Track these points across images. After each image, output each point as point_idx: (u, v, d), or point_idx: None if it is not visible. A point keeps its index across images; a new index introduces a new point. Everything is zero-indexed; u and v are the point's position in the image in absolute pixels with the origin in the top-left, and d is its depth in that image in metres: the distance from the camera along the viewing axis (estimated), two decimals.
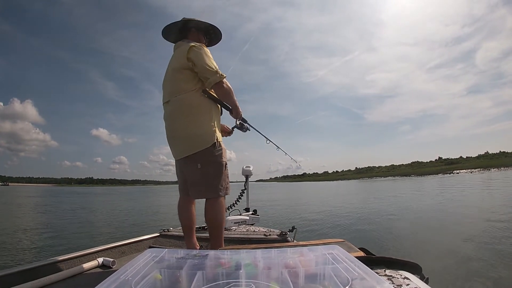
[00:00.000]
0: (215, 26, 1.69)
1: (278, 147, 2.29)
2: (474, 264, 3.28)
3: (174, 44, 1.70)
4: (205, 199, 1.54)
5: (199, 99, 1.52)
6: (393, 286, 0.72)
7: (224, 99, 1.59)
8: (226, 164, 1.57)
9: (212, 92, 1.58)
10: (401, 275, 0.79)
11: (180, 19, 1.63)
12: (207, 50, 1.54)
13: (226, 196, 1.58)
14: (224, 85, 1.51)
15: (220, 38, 1.77)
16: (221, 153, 1.54)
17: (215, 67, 1.49)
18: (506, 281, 2.78)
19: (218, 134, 1.57)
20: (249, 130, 1.87)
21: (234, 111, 1.64)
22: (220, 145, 1.55)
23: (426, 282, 0.78)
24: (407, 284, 0.73)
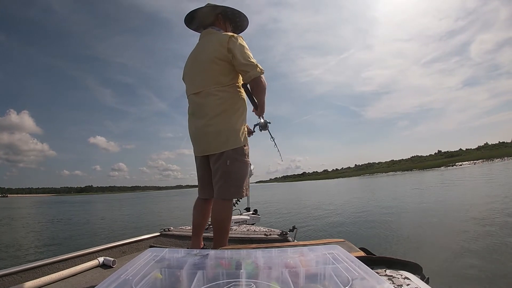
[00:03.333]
0: (242, 13, 1.59)
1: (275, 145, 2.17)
2: (475, 263, 3.27)
3: (195, 31, 1.62)
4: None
5: (236, 94, 1.47)
6: (394, 286, 0.72)
7: (257, 95, 1.51)
8: (250, 164, 1.54)
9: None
10: (402, 275, 0.79)
11: (204, 5, 1.53)
12: (244, 42, 1.46)
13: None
14: (262, 80, 1.44)
15: (246, 26, 1.67)
16: (248, 153, 1.52)
17: (255, 61, 1.42)
18: (507, 281, 2.77)
19: (246, 132, 1.54)
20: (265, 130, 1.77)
21: (261, 109, 1.56)
22: (247, 145, 1.53)
23: (427, 282, 0.78)
24: (408, 284, 0.72)
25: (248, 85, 1.49)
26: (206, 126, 1.45)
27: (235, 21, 1.63)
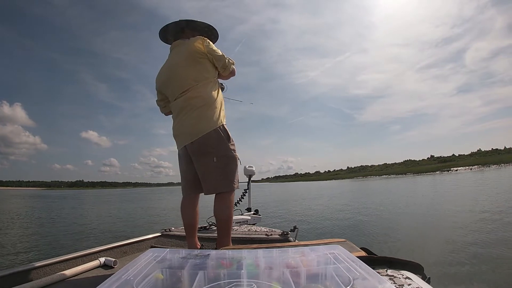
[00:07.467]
0: (211, 26, 1.69)
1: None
2: (476, 263, 3.27)
3: (169, 44, 1.72)
4: (214, 196, 1.54)
5: (217, 88, 1.62)
6: (395, 286, 0.72)
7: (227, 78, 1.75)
8: (238, 159, 1.60)
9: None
10: (403, 275, 0.79)
11: (177, 20, 1.65)
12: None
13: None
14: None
15: (217, 38, 1.77)
16: (234, 148, 1.58)
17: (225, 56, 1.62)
18: (508, 280, 2.77)
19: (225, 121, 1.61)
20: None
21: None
22: (232, 140, 1.59)
23: (428, 282, 0.78)
24: (409, 284, 0.72)
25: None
26: (185, 120, 1.55)
27: (204, 31, 1.73)
